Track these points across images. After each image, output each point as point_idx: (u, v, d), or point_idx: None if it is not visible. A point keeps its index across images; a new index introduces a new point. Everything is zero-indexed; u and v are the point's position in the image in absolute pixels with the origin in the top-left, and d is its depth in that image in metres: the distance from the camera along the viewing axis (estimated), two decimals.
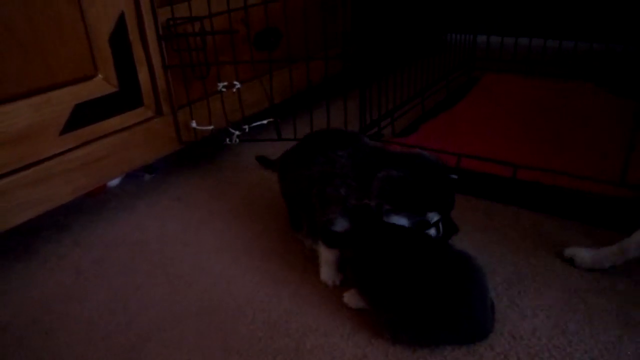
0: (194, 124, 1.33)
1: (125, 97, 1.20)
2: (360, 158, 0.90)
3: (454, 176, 0.89)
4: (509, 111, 1.70)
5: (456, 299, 0.77)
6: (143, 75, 1.23)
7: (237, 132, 1.34)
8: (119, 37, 1.16)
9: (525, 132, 1.51)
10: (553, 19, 2.07)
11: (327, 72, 1.43)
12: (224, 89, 1.31)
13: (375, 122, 1.47)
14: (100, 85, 1.14)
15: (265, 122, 1.36)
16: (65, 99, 1.08)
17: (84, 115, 1.12)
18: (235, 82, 1.31)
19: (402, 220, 0.87)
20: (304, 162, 0.97)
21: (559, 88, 1.86)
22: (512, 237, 1.08)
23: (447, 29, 2.05)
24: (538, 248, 1.04)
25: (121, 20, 1.15)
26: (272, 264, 1.05)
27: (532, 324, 0.85)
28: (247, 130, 1.35)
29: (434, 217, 0.88)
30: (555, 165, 1.24)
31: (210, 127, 1.35)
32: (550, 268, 0.98)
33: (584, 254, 0.96)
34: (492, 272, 0.97)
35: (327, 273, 0.97)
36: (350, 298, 0.91)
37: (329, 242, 0.93)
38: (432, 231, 0.89)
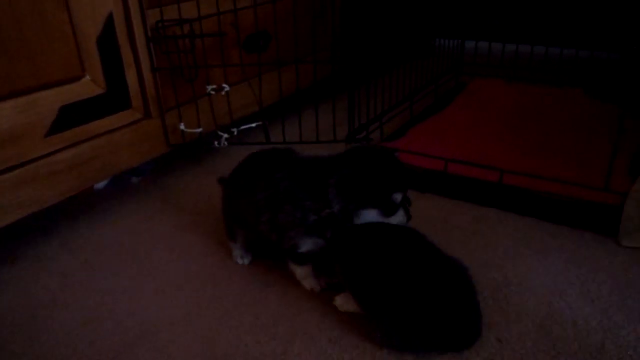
0: (182, 127, 1.33)
1: (112, 99, 1.19)
2: (302, 174, 0.90)
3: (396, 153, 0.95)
4: (496, 116, 1.71)
5: (448, 304, 0.78)
6: (131, 77, 1.22)
7: (225, 135, 1.33)
8: (107, 38, 1.15)
9: (512, 137, 1.52)
10: (540, 26, 2.10)
11: (316, 75, 1.44)
12: (212, 92, 1.31)
13: (363, 127, 1.48)
14: (88, 87, 1.14)
15: (254, 125, 1.36)
16: (51, 101, 1.07)
17: (70, 116, 1.11)
18: (224, 85, 1.31)
19: (370, 214, 0.88)
20: (246, 186, 0.97)
21: (544, 94, 1.89)
22: (499, 241, 1.09)
23: (435, 34, 2.07)
24: (524, 252, 1.05)
25: (109, 21, 1.15)
26: (259, 267, 1.05)
27: (517, 328, 0.86)
28: (235, 133, 1.35)
29: (398, 197, 0.89)
30: (542, 170, 1.25)
31: (199, 130, 1.35)
32: (535, 272, 0.99)
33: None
34: (478, 276, 0.97)
35: (309, 282, 0.97)
36: (342, 301, 0.91)
37: (300, 261, 0.94)
38: (401, 214, 0.90)
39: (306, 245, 0.90)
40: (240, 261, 1.06)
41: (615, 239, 1.07)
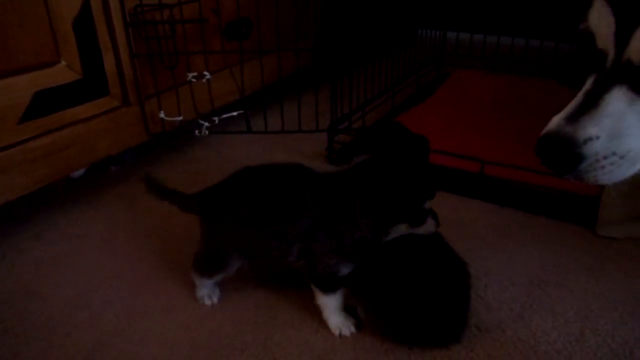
0: (162, 115, 1.30)
1: (89, 86, 1.16)
2: (329, 196, 0.80)
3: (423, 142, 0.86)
4: (477, 107, 1.72)
5: (440, 303, 0.79)
6: (109, 63, 1.19)
7: (206, 124, 1.31)
8: (83, 22, 1.11)
9: (492, 128, 1.53)
10: (521, 18, 2.11)
11: (299, 64, 1.42)
12: (193, 80, 1.28)
13: (346, 117, 1.47)
14: (63, 72, 1.10)
15: (235, 114, 1.34)
16: (24, 86, 1.04)
17: (45, 103, 1.08)
18: (205, 73, 1.28)
19: (400, 228, 0.80)
20: (261, 213, 0.82)
21: (522, 84, 1.90)
22: (480, 231, 1.10)
23: (417, 24, 2.07)
24: (504, 242, 1.06)
25: (86, 3, 1.11)
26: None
27: (497, 316, 0.86)
28: (216, 122, 1.33)
29: (427, 204, 0.81)
30: (522, 160, 1.26)
31: (179, 118, 1.32)
32: (515, 262, 1.00)
33: None
34: None
35: (339, 320, 0.86)
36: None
37: (331, 288, 0.84)
38: (430, 223, 0.82)
39: (345, 268, 0.82)
40: (208, 301, 0.91)
41: (592, 230, 1.08)
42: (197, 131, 1.33)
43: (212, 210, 0.86)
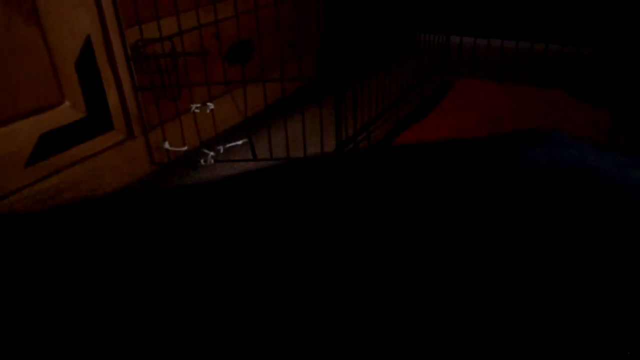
0: (167, 146, 1.30)
1: (94, 122, 1.16)
2: None
3: None
4: (482, 123, 1.71)
5: None
6: (112, 99, 1.19)
7: (211, 153, 1.31)
8: (85, 61, 1.11)
9: None
10: (524, 20, 2.09)
11: (301, 81, 1.41)
12: (197, 110, 1.28)
13: (351, 139, 1.46)
14: (68, 113, 1.10)
15: (240, 142, 1.34)
16: (29, 130, 1.04)
17: (51, 144, 1.08)
18: (209, 104, 1.28)
19: None
20: None
21: (531, 96, 1.89)
22: None
23: (419, 28, 2.04)
24: None
25: (87, 43, 1.11)
26: None
27: None
28: (221, 151, 1.33)
29: None
30: None
31: (184, 149, 1.32)
32: None
33: None
34: None
35: None
36: None
37: None
38: None
39: None
40: None
41: None
42: (202, 160, 1.33)
43: None
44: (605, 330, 0.40)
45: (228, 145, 1.33)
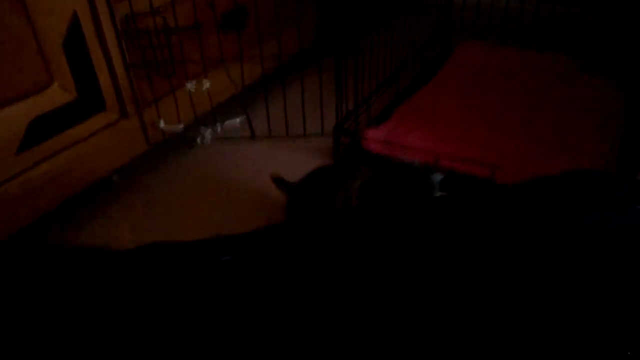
0: (162, 125, 1.25)
1: (85, 103, 1.11)
2: None
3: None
4: (486, 91, 1.66)
5: None
6: (103, 78, 1.13)
7: (208, 130, 1.27)
8: (73, 39, 1.05)
9: (503, 119, 1.49)
10: None
11: (301, 44, 1.35)
12: (192, 89, 1.23)
13: (351, 113, 1.42)
14: (57, 95, 1.05)
15: (237, 120, 1.30)
16: (18, 116, 0.99)
17: (41, 129, 1.03)
18: (205, 80, 1.22)
19: None
20: None
21: (538, 63, 1.82)
22: None
23: None
24: None
25: (74, 20, 1.04)
26: None
27: None
28: (219, 130, 1.28)
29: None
30: (534, 160, 1.24)
31: (180, 126, 1.28)
32: None
33: None
34: None
35: None
36: None
37: None
38: None
39: None
40: None
41: None
42: (199, 139, 1.29)
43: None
44: None
45: (226, 122, 1.29)
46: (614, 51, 1.74)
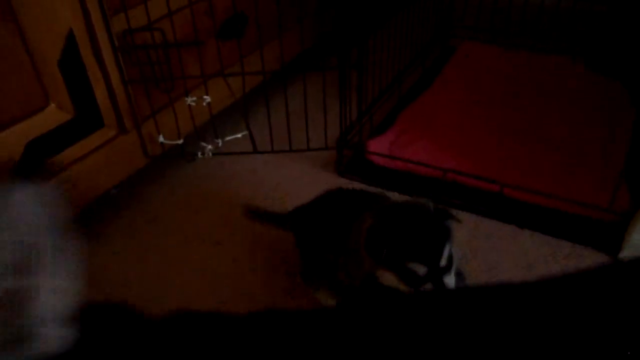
0: (161, 139, 1.22)
1: (83, 122, 1.08)
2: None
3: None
4: (488, 95, 1.64)
5: None
6: (101, 94, 1.10)
7: (209, 146, 1.24)
8: (69, 57, 1.01)
9: (507, 126, 1.46)
10: None
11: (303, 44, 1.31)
12: (192, 103, 1.19)
13: (355, 123, 1.39)
14: (54, 115, 1.02)
15: (239, 135, 1.27)
16: (14, 139, 0.96)
17: (38, 151, 1.00)
18: (206, 97, 1.19)
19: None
20: None
21: (542, 65, 1.78)
22: (500, 260, 1.08)
23: None
24: (516, 264, 1.06)
25: (70, 38, 1.00)
26: None
27: None
28: (220, 144, 1.25)
29: (418, 268, 0.78)
30: (539, 170, 1.23)
31: (180, 142, 1.25)
32: None
33: None
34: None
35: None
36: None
37: None
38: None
39: None
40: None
41: (614, 257, 1.07)
42: (199, 153, 1.26)
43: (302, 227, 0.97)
44: None
45: (227, 138, 1.26)
46: (620, 51, 1.71)
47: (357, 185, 1.27)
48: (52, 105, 1.00)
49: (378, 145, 1.37)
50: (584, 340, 0.48)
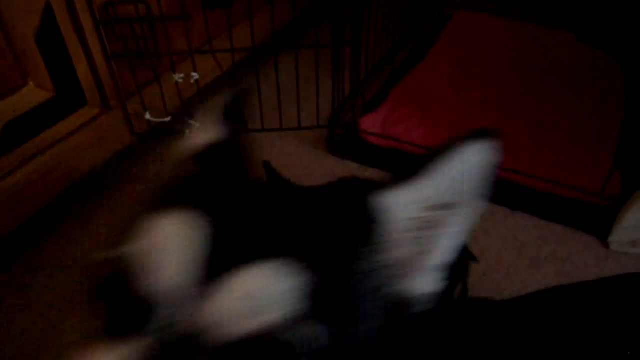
0: (148, 116, 1.18)
1: (65, 100, 1.03)
2: None
3: None
4: (483, 67, 1.60)
5: None
6: (83, 71, 1.05)
7: (198, 124, 1.19)
8: (47, 32, 0.95)
9: (500, 101, 1.44)
10: None
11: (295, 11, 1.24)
12: (180, 80, 1.14)
13: (348, 99, 1.35)
14: (32, 95, 0.97)
15: None
16: None
17: (17, 132, 0.96)
18: (194, 74, 1.14)
19: None
20: None
21: (537, 36, 1.75)
22: (492, 245, 1.08)
23: None
24: (518, 261, 1.05)
25: (47, 11, 0.94)
26: None
27: None
28: None
29: None
30: (534, 157, 1.22)
31: (167, 119, 1.20)
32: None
33: None
34: (473, 290, 0.98)
35: None
36: None
37: None
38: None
39: None
40: None
41: (604, 241, 1.08)
42: (187, 130, 1.21)
43: None
44: None
45: None
46: (613, 25, 1.68)
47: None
48: (31, 84, 0.95)
49: (370, 123, 1.34)
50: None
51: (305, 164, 1.29)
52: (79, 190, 1.17)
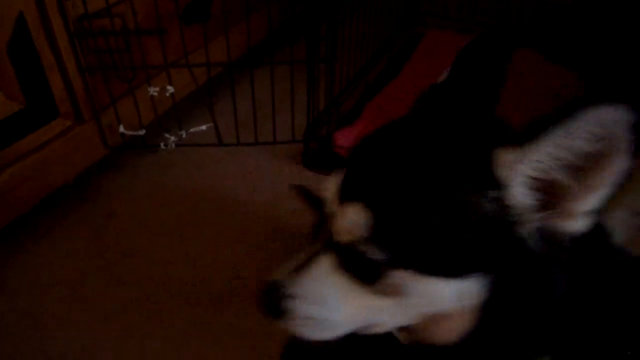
0: (122, 129, 1.17)
1: (36, 112, 1.01)
2: None
3: None
4: None
5: None
6: (56, 82, 1.03)
7: (172, 138, 1.19)
8: (19, 43, 0.94)
9: None
10: None
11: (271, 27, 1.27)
12: (155, 94, 1.14)
13: (323, 114, 1.37)
14: (2, 106, 0.95)
15: (204, 127, 1.22)
16: None
17: None
18: (169, 87, 1.14)
19: None
20: None
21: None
22: None
23: None
24: None
25: (20, 22, 0.93)
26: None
27: None
28: (184, 136, 1.21)
29: None
30: None
31: (142, 132, 1.19)
32: None
33: None
34: None
35: None
36: None
37: None
38: None
39: None
40: None
41: None
42: (162, 144, 1.21)
43: None
44: None
45: (191, 130, 1.21)
46: (578, 45, 1.76)
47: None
48: (0, 95, 0.93)
49: (345, 138, 1.35)
50: None
51: (281, 178, 1.30)
52: (50, 203, 1.15)
